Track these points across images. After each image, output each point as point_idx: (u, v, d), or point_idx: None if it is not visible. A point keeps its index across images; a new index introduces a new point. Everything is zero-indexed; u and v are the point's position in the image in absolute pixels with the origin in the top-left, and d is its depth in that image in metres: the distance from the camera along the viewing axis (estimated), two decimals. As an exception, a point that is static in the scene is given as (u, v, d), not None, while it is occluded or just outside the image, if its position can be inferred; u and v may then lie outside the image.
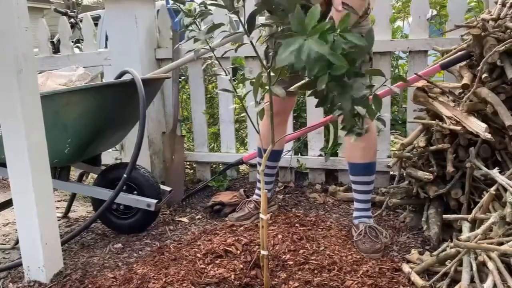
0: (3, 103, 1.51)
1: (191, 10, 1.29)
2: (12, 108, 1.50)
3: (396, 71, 2.95)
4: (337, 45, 0.94)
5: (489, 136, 1.62)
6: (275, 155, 2.15)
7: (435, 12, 2.97)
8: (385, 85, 1.13)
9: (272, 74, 1.19)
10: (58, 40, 4.23)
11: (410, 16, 2.49)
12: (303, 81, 1.18)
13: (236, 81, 1.51)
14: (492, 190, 1.53)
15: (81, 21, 4.74)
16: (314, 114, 2.51)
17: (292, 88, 1.22)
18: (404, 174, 2.07)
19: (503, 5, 1.94)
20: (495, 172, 1.60)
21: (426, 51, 2.35)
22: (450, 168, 1.78)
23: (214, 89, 3.12)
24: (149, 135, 2.71)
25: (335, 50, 0.94)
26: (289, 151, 2.57)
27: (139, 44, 2.62)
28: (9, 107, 1.51)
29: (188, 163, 3.03)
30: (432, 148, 1.90)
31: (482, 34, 1.81)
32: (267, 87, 1.20)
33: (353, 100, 1.06)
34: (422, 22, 2.34)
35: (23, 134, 1.51)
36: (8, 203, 2.17)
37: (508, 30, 1.79)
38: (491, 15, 1.91)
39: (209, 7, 1.28)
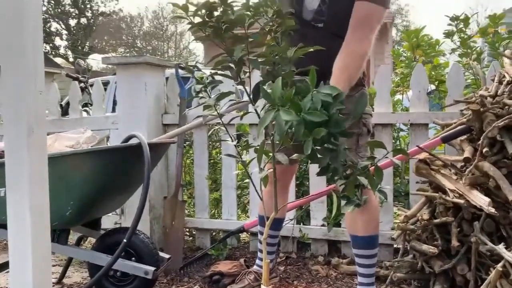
0: (11, 163, 1.53)
1: (202, 78, 1.36)
2: (19, 168, 1.51)
3: (398, 142, 2.99)
4: (316, 101, 0.99)
5: (492, 210, 1.61)
6: (277, 224, 2.13)
7: (433, 87, 3.07)
8: (386, 157, 1.15)
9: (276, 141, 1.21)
10: (67, 103, 4.35)
11: (409, 90, 2.58)
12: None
13: (240, 147, 1.54)
14: (499, 266, 1.49)
15: (91, 85, 4.90)
16: (317, 182, 2.51)
17: (293, 157, 1.24)
18: (408, 248, 2.03)
19: (500, 82, 2.02)
20: (501, 248, 1.57)
21: (426, 124, 2.40)
22: (455, 243, 1.75)
23: (218, 154, 3.15)
24: (151, 199, 2.70)
25: (316, 105, 0.99)
26: (291, 219, 2.54)
27: (147, 110, 2.69)
28: (16, 167, 1.52)
29: (187, 229, 2.99)
30: (436, 221, 1.88)
31: (481, 109, 1.86)
32: (270, 154, 1.22)
33: (349, 166, 1.09)
34: (422, 96, 2.41)
35: (27, 194, 1.51)
36: (2, 266, 2.11)
37: (506, 107, 1.84)
38: (488, 92, 1.98)
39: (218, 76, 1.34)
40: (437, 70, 2.91)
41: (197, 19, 1.18)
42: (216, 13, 1.17)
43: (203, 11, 1.16)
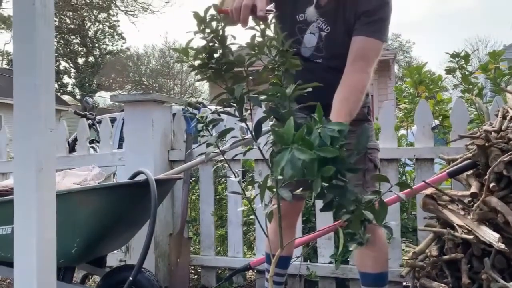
0: (20, 200, 1.54)
1: (203, 117, 1.39)
2: (28, 205, 1.52)
3: (404, 177, 2.98)
4: (324, 136, 1.00)
5: (502, 246, 1.59)
6: (284, 262, 2.09)
7: (437, 122, 3.09)
8: (391, 191, 1.15)
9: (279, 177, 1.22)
10: (74, 140, 4.40)
11: (414, 125, 2.59)
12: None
13: (245, 183, 1.54)
14: (512, 304, 1.46)
15: (98, 122, 4.96)
16: (324, 219, 2.49)
17: (298, 192, 1.24)
18: (418, 285, 1.98)
19: (504, 117, 2.03)
20: (513, 285, 1.54)
21: (432, 159, 2.40)
22: (465, 280, 1.72)
23: (224, 190, 3.14)
24: (156, 236, 2.68)
25: (325, 140, 1.00)
26: (298, 257, 2.51)
27: (154, 146, 2.71)
28: (25, 204, 1.53)
29: (192, 267, 2.94)
30: (445, 257, 1.85)
31: (486, 144, 1.87)
32: (274, 190, 1.22)
33: (353, 200, 1.08)
34: (427, 131, 2.43)
35: (35, 231, 1.51)
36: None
37: (511, 141, 1.85)
38: (493, 127, 1.99)
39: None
40: (440, 105, 2.94)
41: (198, 61, 1.22)
42: (215, 55, 1.21)
43: (203, 54, 1.20)
